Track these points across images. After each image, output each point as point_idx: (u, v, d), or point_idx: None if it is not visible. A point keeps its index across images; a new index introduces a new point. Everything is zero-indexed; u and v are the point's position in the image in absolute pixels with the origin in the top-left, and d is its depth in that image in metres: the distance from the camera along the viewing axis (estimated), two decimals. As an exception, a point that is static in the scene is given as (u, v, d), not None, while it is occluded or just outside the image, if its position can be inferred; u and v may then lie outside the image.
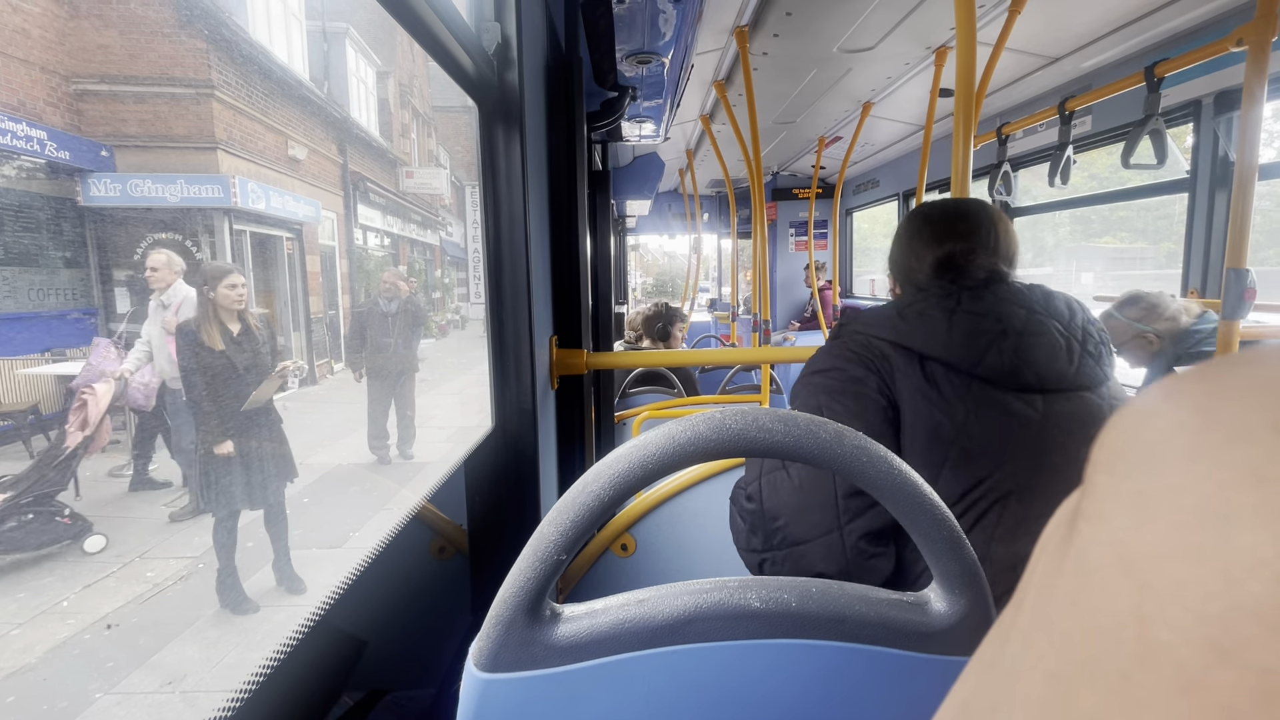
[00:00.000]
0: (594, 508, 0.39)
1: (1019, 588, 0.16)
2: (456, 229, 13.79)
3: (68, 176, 4.52)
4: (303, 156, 7.19)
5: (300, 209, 7.00)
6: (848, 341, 0.83)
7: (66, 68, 4.49)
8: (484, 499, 1.17)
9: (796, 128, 4.02)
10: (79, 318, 4.31)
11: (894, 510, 0.41)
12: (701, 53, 2.63)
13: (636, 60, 1.82)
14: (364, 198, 9.27)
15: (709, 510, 1.27)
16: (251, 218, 6.04)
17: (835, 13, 2.25)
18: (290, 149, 6.92)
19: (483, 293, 1.15)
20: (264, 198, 6.11)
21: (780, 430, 0.39)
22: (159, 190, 5.09)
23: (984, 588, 0.42)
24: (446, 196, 12.73)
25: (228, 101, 5.71)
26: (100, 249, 4.54)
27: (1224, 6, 2.07)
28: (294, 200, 6.86)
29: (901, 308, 0.82)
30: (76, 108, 4.58)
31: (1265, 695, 0.09)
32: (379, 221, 9.97)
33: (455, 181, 13.62)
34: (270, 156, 6.50)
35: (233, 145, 5.78)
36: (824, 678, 0.42)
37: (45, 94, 4.30)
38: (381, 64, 10.32)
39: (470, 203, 13.89)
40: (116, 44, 4.88)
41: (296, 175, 7.13)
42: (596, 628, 0.41)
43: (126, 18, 4.98)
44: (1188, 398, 0.12)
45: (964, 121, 1.32)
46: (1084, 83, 2.80)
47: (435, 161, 12.83)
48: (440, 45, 0.83)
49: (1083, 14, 2.26)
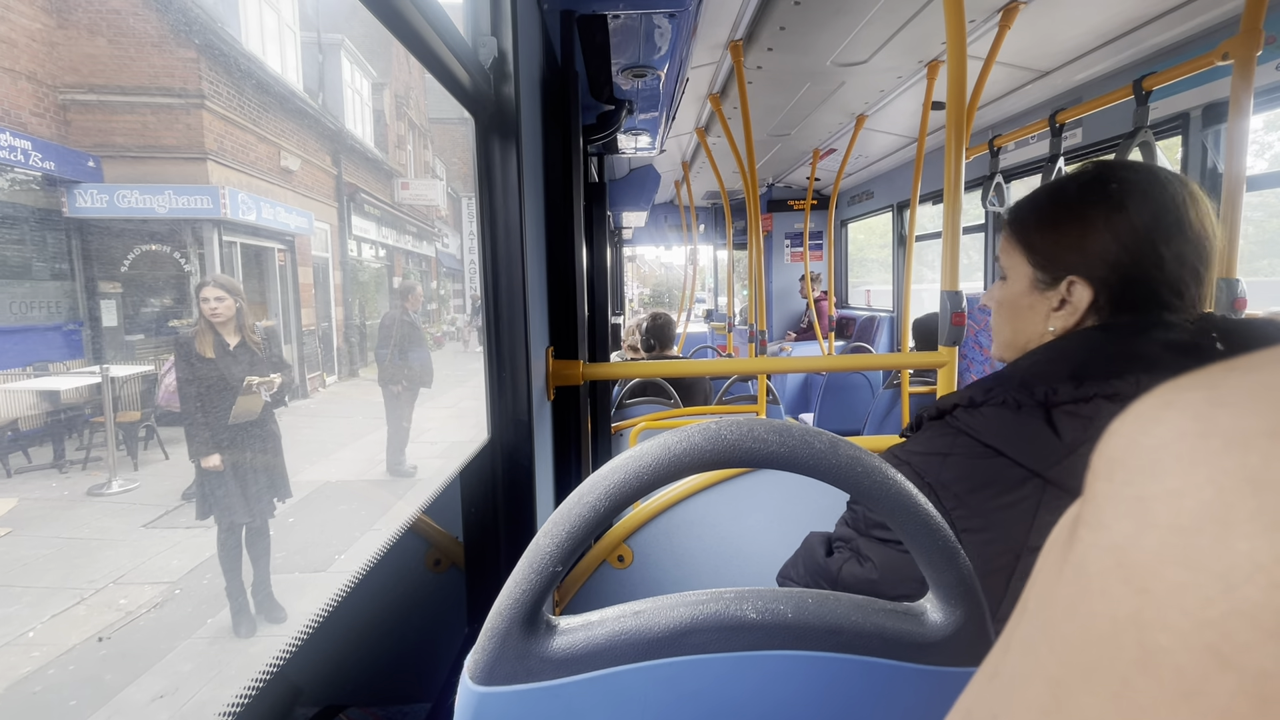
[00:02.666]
0: (589, 519, 0.39)
1: (1022, 596, 0.16)
2: (453, 240, 13.75)
3: (53, 187, 4.49)
4: (295, 168, 7.12)
5: (292, 220, 6.92)
6: None
7: (54, 77, 4.48)
8: (480, 511, 1.16)
9: (791, 140, 4.06)
10: (69, 330, 4.27)
11: (890, 522, 0.41)
12: (696, 66, 2.65)
13: (632, 74, 1.84)
14: (359, 209, 9.21)
15: (706, 521, 1.27)
16: (242, 229, 5.98)
17: (828, 27, 2.28)
18: (283, 160, 6.87)
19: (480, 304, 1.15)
20: (255, 209, 6.05)
21: (775, 441, 0.39)
22: (146, 201, 5.06)
23: (979, 599, 0.42)
24: (443, 208, 12.67)
25: (219, 112, 5.65)
26: (86, 260, 4.50)
27: (1210, 21, 2.11)
28: (286, 211, 6.80)
29: None
30: (64, 118, 4.55)
31: (1262, 700, 0.09)
32: (374, 233, 9.89)
33: (451, 193, 13.60)
34: (262, 167, 6.45)
35: (223, 156, 5.72)
36: (821, 689, 0.42)
37: (32, 103, 4.26)
38: (377, 75, 10.32)
39: (466, 214, 13.83)
40: (105, 53, 4.86)
41: (289, 186, 7.06)
42: (593, 640, 0.41)
43: (116, 26, 4.96)
44: (1186, 405, 0.12)
45: (955, 134, 1.34)
46: (1074, 95, 2.83)
47: (431, 173, 12.78)
48: (438, 60, 0.83)
49: (1072, 29, 2.30)
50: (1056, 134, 2.56)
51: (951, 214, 1.36)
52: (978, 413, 0.65)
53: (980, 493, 0.62)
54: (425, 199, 11.62)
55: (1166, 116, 2.33)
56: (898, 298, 5.06)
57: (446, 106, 12.44)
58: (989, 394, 0.64)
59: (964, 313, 1.36)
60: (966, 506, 0.62)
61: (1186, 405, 0.12)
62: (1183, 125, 2.31)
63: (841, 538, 0.73)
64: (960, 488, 0.63)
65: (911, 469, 0.67)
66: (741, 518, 1.27)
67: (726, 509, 1.27)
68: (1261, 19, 1.52)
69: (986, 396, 0.64)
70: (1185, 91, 2.22)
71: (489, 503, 1.14)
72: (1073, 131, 2.81)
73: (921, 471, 0.66)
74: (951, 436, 0.66)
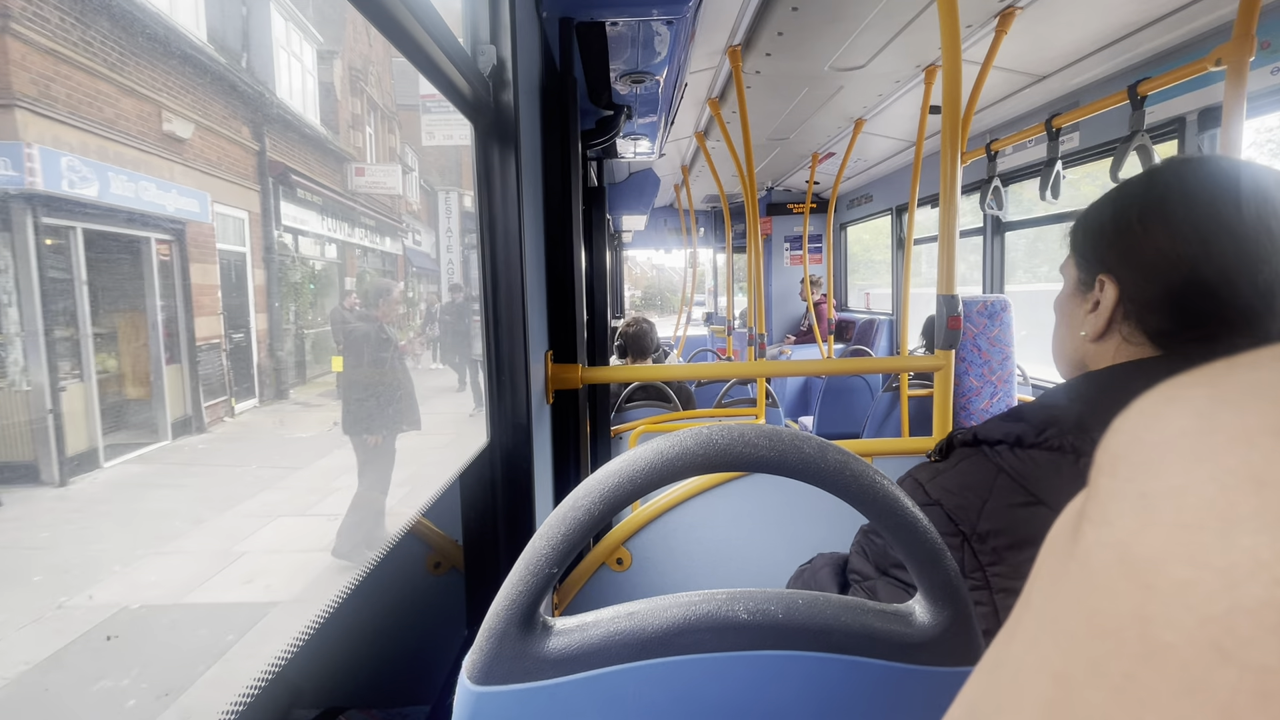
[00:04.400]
0: (585, 521, 0.40)
1: (1024, 590, 0.16)
2: (427, 237, 12.43)
3: None
4: (187, 135, 5.42)
5: (177, 202, 5.17)
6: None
7: None
8: (479, 514, 1.17)
9: (790, 144, 4.07)
10: None
11: (878, 524, 0.42)
12: (695, 71, 2.67)
13: (631, 80, 1.85)
14: (291, 195, 7.56)
15: (703, 524, 1.28)
16: (83, 210, 4.18)
17: (826, 32, 2.29)
18: (167, 123, 5.15)
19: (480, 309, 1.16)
20: (97, 180, 4.33)
21: (765, 445, 0.40)
22: None
23: (966, 600, 0.43)
24: (414, 201, 11.29)
25: (41, 42, 3.88)
26: None
27: (1203, 27, 2.12)
28: (163, 189, 5.05)
29: None
30: None
31: (1264, 695, 0.09)
32: (317, 225, 8.27)
33: (425, 186, 12.32)
34: (130, 130, 4.74)
35: (53, 105, 3.96)
36: (810, 689, 0.43)
37: None
38: (325, 42, 8.68)
39: (443, 209, 12.57)
40: None
41: (178, 158, 5.28)
42: (588, 640, 0.42)
43: None
44: (1190, 401, 0.12)
45: (951, 138, 1.35)
46: (1071, 100, 2.85)
47: (401, 162, 11.19)
48: (437, 69, 0.84)
49: (1067, 34, 2.31)
50: (1053, 138, 2.58)
51: (947, 217, 1.37)
52: (1027, 455, 0.57)
53: (1023, 550, 0.55)
54: (383, 186, 10.05)
55: (1162, 121, 2.34)
56: (896, 300, 5.07)
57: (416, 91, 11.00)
58: (1041, 435, 0.57)
59: (960, 316, 1.37)
60: (1006, 564, 0.56)
61: (1190, 402, 0.12)
62: (1179, 129, 2.32)
63: (858, 572, 0.68)
64: (1000, 542, 0.56)
65: (942, 511, 0.60)
66: (739, 521, 1.28)
67: (724, 512, 1.28)
68: (1254, 25, 1.54)
69: (1039, 438, 0.57)
70: (1181, 96, 2.23)
71: (488, 506, 1.15)
72: (1070, 135, 2.82)
73: (955, 517, 0.59)
74: (990, 475, 0.59)
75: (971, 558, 0.58)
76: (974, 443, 0.62)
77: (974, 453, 0.62)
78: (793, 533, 1.26)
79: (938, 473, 0.63)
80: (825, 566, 0.76)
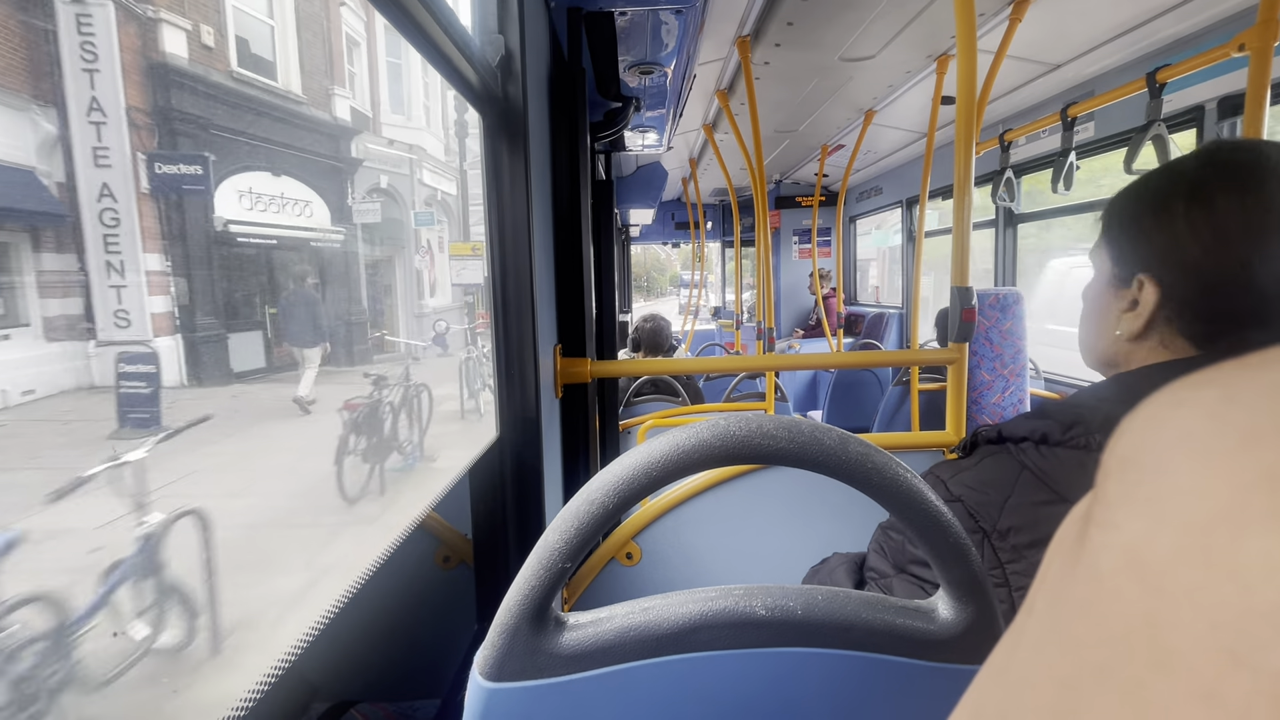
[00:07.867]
0: (598, 515, 0.39)
1: (1029, 594, 0.16)
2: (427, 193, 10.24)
3: None
4: None
5: None
6: None
7: None
8: (488, 508, 1.17)
9: (799, 136, 4.04)
10: None
11: (900, 518, 0.41)
12: (704, 63, 2.65)
13: (639, 71, 1.84)
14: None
15: (714, 518, 1.27)
16: None
17: (836, 22, 2.26)
18: None
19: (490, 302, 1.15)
20: None
21: (785, 436, 0.39)
22: None
23: (990, 596, 0.42)
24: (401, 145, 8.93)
25: None
26: None
27: (1225, 12, 2.07)
28: None
29: None
30: None
31: (1279, 700, 0.09)
32: None
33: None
34: None
35: None
36: (830, 686, 0.42)
37: None
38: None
39: None
40: None
41: None
42: (601, 636, 0.41)
43: None
44: (1199, 403, 0.12)
45: (965, 129, 1.33)
46: (1086, 89, 2.80)
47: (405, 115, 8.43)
48: (445, 59, 0.84)
49: (1083, 21, 2.27)
50: (1068, 128, 2.54)
51: (962, 209, 1.35)
52: (1053, 454, 0.56)
53: (1043, 549, 0.56)
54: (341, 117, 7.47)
55: (1180, 110, 2.30)
56: (907, 294, 5.03)
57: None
58: (1068, 432, 0.56)
59: (974, 309, 1.35)
60: (1026, 561, 0.55)
61: (1199, 403, 0.12)
62: (1197, 118, 2.28)
63: (875, 569, 0.67)
64: (1020, 540, 0.55)
65: (964, 507, 0.59)
66: (750, 515, 1.26)
67: (735, 506, 1.27)
68: (1279, 9, 1.50)
69: (1065, 436, 0.56)
70: (1200, 84, 2.19)
71: (498, 500, 1.15)
72: (1085, 125, 2.77)
73: (976, 513, 0.58)
74: (1014, 472, 0.58)
75: (991, 555, 0.57)
76: (998, 440, 0.61)
77: (998, 450, 0.61)
78: (807, 528, 1.25)
79: (960, 469, 0.62)
80: (841, 565, 0.75)
